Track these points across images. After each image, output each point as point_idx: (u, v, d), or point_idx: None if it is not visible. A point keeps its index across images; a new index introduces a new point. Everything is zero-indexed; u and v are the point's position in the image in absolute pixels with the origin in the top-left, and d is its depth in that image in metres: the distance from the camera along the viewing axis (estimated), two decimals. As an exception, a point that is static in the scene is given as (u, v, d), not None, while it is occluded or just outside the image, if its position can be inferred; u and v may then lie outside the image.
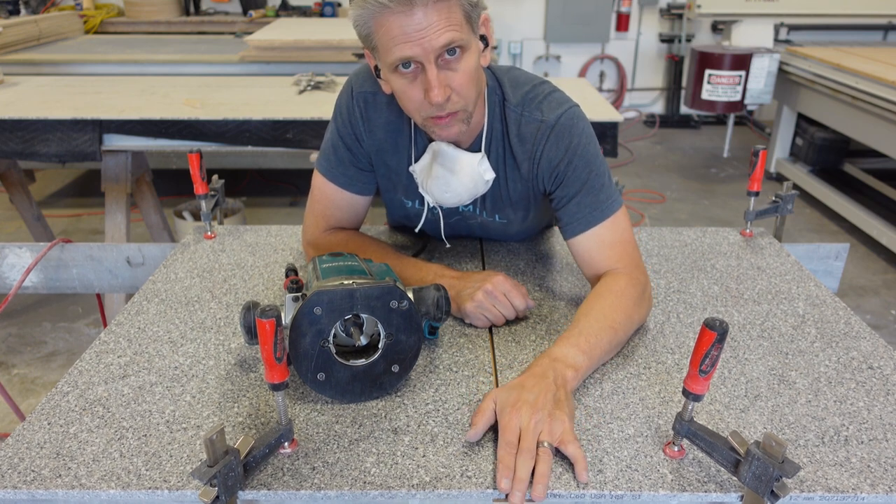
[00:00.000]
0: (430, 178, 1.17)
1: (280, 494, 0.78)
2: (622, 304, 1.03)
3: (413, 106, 1.03)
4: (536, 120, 1.12)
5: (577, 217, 1.12)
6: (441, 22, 0.92)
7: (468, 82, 1.00)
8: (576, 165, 1.11)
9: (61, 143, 2.35)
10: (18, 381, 2.48)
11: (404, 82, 1.00)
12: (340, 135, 1.21)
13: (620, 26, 5.82)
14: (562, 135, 1.11)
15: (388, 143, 1.19)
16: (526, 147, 1.14)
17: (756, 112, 5.94)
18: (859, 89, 3.49)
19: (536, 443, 0.81)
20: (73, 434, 0.86)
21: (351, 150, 1.21)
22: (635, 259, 1.12)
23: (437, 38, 0.93)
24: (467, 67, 0.99)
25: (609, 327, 0.99)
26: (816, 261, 1.50)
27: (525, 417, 0.82)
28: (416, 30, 0.92)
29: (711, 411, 0.91)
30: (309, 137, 2.39)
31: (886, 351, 1.06)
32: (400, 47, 0.94)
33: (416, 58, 0.95)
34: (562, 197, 1.13)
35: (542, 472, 0.78)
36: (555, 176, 1.13)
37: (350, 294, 0.86)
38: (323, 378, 0.89)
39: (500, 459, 0.79)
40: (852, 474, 0.80)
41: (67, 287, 1.56)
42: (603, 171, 1.13)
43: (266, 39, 3.38)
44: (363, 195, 1.26)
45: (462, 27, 0.95)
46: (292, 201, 4.24)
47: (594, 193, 1.11)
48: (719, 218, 4.00)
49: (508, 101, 1.14)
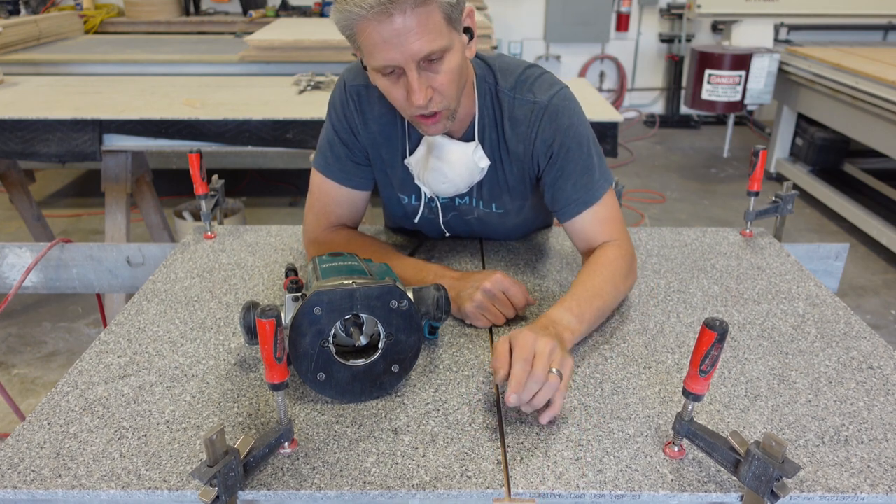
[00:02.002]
0: (427, 171, 1.17)
1: (280, 494, 0.78)
2: (613, 276, 1.10)
3: (399, 105, 1.05)
4: (529, 101, 1.13)
5: (574, 198, 1.15)
6: (420, 28, 0.92)
7: (450, 82, 1.01)
8: (569, 146, 1.13)
9: (61, 143, 2.35)
10: (18, 381, 2.48)
11: (388, 83, 1.01)
12: (336, 130, 1.21)
13: (620, 26, 5.82)
14: (555, 115, 1.13)
15: (382, 136, 1.20)
16: (520, 129, 1.15)
17: (756, 112, 5.95)
18: (859, 89, 3.49)
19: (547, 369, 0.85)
20: (73, 434, 0.86)
21: (347, 144, 1.21)
22: (624, 231, 1.18)
23: (417, 46, 0.93)
24: (449, 68, 0.99)
25: (598, 296, 1.06)
26: (816, 261, 1.50)
27: (541, 343, 0.87)
28: (395, 36, 0.92)
29: (711, 411, 0.91)
30: (309, 137, 2.39)
31: (886, 351, 1.06)
32: (381, 54, 0.95)
33: (397, 63, 0.96)
34: (557, 178, 1.15)
35: (556, 402, 0.85)
36: (549, 156, 1.15)
37: (350, 294, 0.86)
38: (323, 378, 0.89)
39: (513, 375, 0.83)
40: (852, 474, 0.80)
41: (67, 287, 1.56)
42: (594, 150, 1.16)
43: (266, 39, 3.38)
44: (362, 190, 1.27)
45: (442, 31, 0.95)
46: (292, 201, 4.24)
47: (589, 173, 1.15)
48: (719, 218, 4.01)
49: (501, 87, 1.15)
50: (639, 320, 1.14)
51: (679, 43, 5.72)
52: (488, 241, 1.45)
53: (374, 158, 1.23)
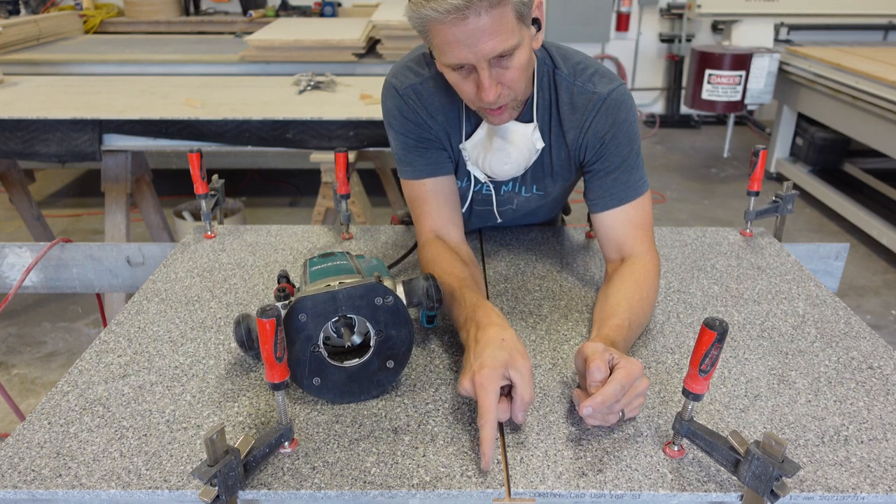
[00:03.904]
0: (491, 152, 1.18)
1: (280, 494, 0.78)
2: (649, 294, 1.10)
3: (468, 98, 1.06)
4: (589, 91, 1.15)
5: (612, 192, 1.16)
6: (493, 29, 0.93)
7: (519, 77, 1.02)
8: (620, 141, 1.15)
9: (61, 143, 2.35)
10: (18, 381, 2.48)
11: (457, 77, 1.02)
12: (405, 133, 1.20)
13: (620, 26, 5.82)
14: (612, 109, 1.14)
15: (448, 124, 1.21)
16: (576, 116, 1.16)
17: (756, 112, 5.95)
18: (859, 89, 3.49)
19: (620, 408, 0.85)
20: (74, 434, 0.86)
21: (422, 138, 1.20)
22: (652, 241, 1.18)
23: (490, 46, 0.94)
24: (519, 63, 1.00)
25: (640, 323, 1.05)
26: (816, 261, 1.50)
27: (641, 384, 0.85)
28: (468, 37, 0.93)
29: (711, 411, 0.92)
30: (309, 137, 2.39)
31: (886, 351, 1.06)
32: (453, 53, 0.96)
33: (469, 62, 0.97)
34: (600, 170, 1.17)
35: (589, 417, 0.85)
36: (598, 147, 1.16)
37: (332, 297, 0.86)
38: (318, 382, 0.89)
39: (603, 392, 0.81)
40: (852, 474, 0.80)
41: (67, 287, 1.56)
42: (640, 151, 1.18)
43: (266, 39, 3.38)
44: (452, 174, 1.25)
45: (514, 30, 0.96)
46: (292, 201, 4.24)
47: (630, 171, 1.16)
48: (719, 218, 4.00)
49: (560, 70, 1.16)
50: (639, 320, 1.14)
51: (679, 43, 5.71)
52: (488, 241, 1.45)
53: (447, 145, 1.23)
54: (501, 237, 1.47)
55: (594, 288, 1.25)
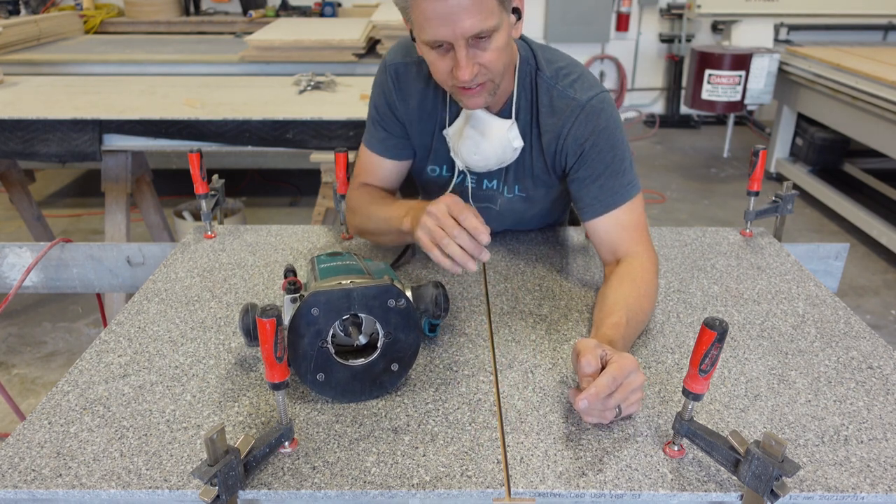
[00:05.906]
0: (461, 139, 1.20)
1: (280, 494, 0.78)
2: (648, 292, 1.10)
3: (441, 77, 1.07)
4: (569, 97, 1.16)
5: (599, 199, 1.16)
6: (473, 7, 0.95)
7: (497, 59, 1.03)
8: (601, 147, 1.15)
9: (61, 143, 2.35)
10: (18, 381, 2.48)
11: (435, 55, 1.04)
12: (375, 106, 1.28)
13: (620, 26, 5.82)
14: (591, 116, 1.14)
15: (422, 110, 1.24)
16: (554, 120, 1.17)
17: (756, 112, 5.94)
18: (859, 89, 3.49)
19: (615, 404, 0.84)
20: (74, 433, 0.86)
21: (384, 119, 1.27)
22: (648, 241, 1.18)
23: (469, 24, 0.96)
24: (497, 46, 1.01)
25: (640, 320, 1.06)
26: (816, 261, 1.51)
27: (635, 378, 0.84)
28: (448, 14, 0.95)
29: (711, 411, 0.92)
30: (309, 137, 2.39)
31: (886, 351, 1.06)
32: (432, 30, 0.98)
33: (447, 39, 0.98)
34: (585, 177, 1.17)
35: (586, 414, 0.86)
36: (579, 154, 1.16)
37: (347, 294, 0.86)
38: (322, 378, 0.89)
39: (597, 384, 0.80)
40: (852, 474, 0.80)
41: (67, 287, 1.56)
42: (626, 155, 1.17)
43: (266, 39, 3.38)
44: (398, 160, 1.32)
45: (493, 11, 0.97)
46: (292, 201, 4.24)
47: (616, 177, 1.16)
48: (719, 218, 4.01)
49: (542, 72, 1.17)
50: (639, 320, 1.14)
51: (679, 43, 5.71)
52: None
53: (412, 131, 1.28)
54: (501, 237, 1.47)
55: (594, 288, 1.25)
